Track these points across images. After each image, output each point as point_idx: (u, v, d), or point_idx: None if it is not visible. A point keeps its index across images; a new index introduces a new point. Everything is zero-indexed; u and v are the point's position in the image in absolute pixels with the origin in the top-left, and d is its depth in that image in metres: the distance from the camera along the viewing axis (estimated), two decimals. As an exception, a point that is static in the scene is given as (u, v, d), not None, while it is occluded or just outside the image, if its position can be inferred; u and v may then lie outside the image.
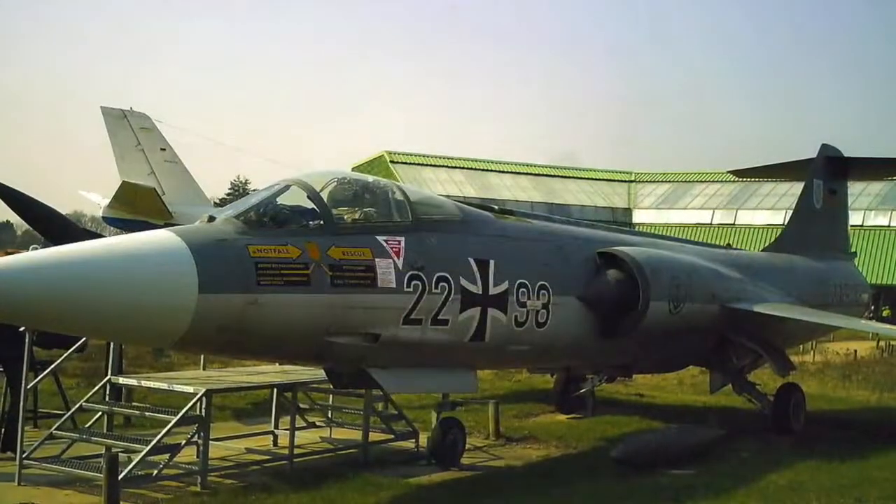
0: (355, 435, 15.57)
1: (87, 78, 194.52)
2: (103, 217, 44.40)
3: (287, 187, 12.07)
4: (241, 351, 12.42)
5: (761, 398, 18.35)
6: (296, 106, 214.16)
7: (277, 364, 15.59)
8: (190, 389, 12.94)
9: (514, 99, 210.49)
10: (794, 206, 24.85)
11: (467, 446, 14.88)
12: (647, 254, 15.89)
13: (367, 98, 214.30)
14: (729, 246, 25.27)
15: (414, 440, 15.68)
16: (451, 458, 14.17)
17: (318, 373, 14.28)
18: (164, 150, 44.78)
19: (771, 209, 69.28)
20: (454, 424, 14.40)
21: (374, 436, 15.40)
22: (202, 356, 15.99)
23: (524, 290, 13.75)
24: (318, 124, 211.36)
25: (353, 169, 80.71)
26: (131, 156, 43.64)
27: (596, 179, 79.19)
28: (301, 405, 15.67)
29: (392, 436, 15.69)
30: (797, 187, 25.51)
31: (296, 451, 14.27)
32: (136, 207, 40.18)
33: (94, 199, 48.53)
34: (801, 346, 31.25)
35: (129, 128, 43.67)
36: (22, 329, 12.90)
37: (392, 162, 73.44)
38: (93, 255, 10.11)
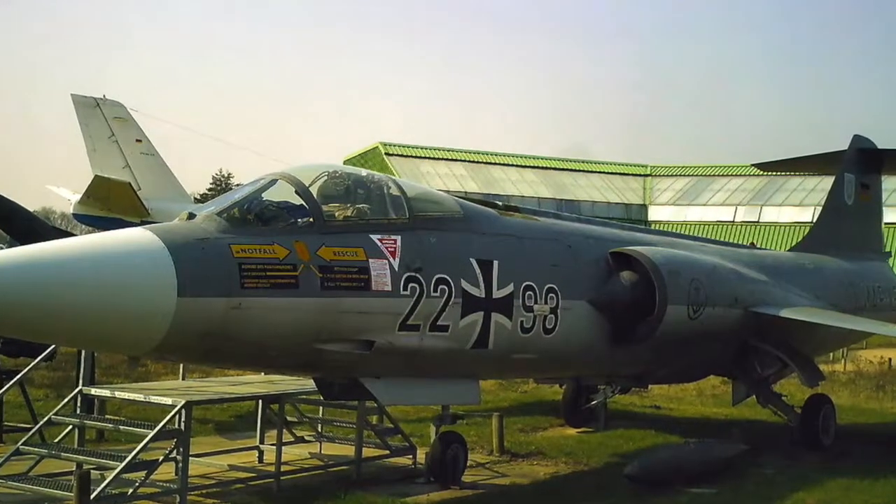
0: (347, 450, 15.55)
1: (58, 63, 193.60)
2: (74, 214, 44.51)
3: (273, 182, 12.07)
4: (223, 359, 12.42)
5: (788, 410, 18.34)
6: (284, 95, 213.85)
7: (263, 373, 15.60)
8: (168, 401, 12.93)
9: (520, 86, 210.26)
10: (823, 202, 24.84)
11: (469, 463, 14.86)
12: (664, 254, 15.91)
13: (362, 85, 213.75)
14: (753, 245, 25.31)
15: (411, 456, 15.68)
16: (451, 476, 14.13)
17: (308, 383, 14.28)
18: (140, 141, 44.81)
19: (798, 205, 69.19)
20: (455, 439, 14.35)
21: (367, 451, 15.41)
22: (181, 365, 15.98)
23: (531, 293, 13.77)
24: (309, 114, 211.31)
25: (344, 162, 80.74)
26: (104, 148, 43.68)
27: (608, 173, 79.15)
28: (289, 418, 15.67)
29: (387, 451, 15.69)
30: (827, 182, 25.58)
31: (283, 468, 14.27)
32: (110, 204, 40.24)
33: (64, 195, 48.53)
34: (830, 354, 31.27)
35: (101, 117, 43.69)
36: (-15, 336, 12.91)
37: (387, 154, 73.47)
38: (62, 256, 10.11)
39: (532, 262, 14.11)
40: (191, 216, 11.28)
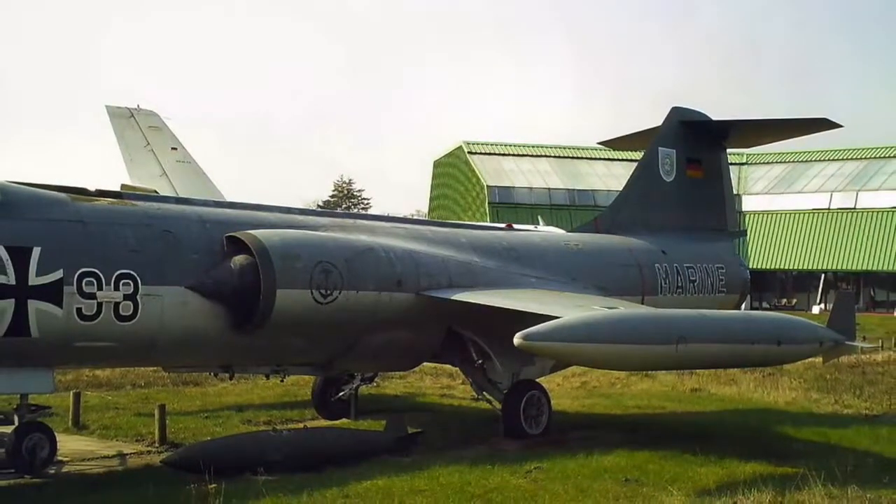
0: None
1: (90, 73, 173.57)
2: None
3: None
4: None
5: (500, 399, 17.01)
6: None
7: None
8: None
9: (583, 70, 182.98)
10: None
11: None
12: (282, 235, 15.07)
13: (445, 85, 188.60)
14: (509, 226, 23.65)
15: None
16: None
17: None
18: (175, 149, 45.91)
19: (896, 189, 65.50)
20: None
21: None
22: None
23: (91, 279, 13.43)
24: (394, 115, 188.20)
25: (434, 163, 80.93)
26: (141, 157, 45.00)
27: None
28: None
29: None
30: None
31: None
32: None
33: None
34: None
35: (136, 127, 45.04)
36: None
37: (470, 153, 72.98)
38: None
39: (97, 248, 13.66)
40: None
